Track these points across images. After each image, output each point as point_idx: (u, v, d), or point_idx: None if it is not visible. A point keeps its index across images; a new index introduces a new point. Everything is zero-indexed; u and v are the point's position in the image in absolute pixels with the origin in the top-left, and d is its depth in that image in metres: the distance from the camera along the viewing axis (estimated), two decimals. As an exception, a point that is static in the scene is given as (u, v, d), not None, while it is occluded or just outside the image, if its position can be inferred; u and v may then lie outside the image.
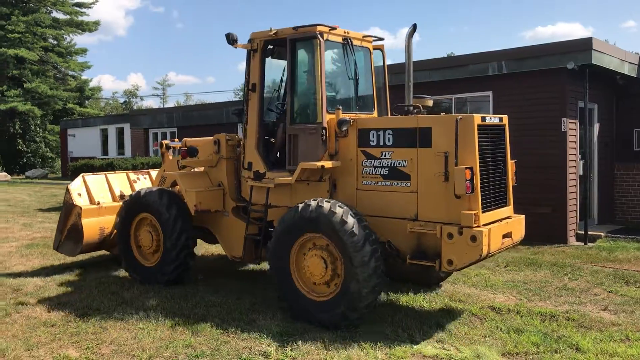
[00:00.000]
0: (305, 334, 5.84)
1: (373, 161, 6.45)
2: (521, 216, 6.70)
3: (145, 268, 7.98)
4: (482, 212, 5.87)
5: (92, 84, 49.18)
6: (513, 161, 6.66)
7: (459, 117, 5.89)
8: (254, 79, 7.25)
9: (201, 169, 8.11)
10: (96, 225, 8.73)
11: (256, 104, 7.24)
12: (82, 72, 47.13)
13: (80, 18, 45.19)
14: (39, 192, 24.59)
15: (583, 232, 11.03)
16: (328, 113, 6.65)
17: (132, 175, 9.72)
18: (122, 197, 8.89)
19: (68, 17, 44.63)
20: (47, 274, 8.71)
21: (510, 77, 11.45)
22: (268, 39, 7.16)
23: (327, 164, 6.49)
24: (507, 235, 6.25)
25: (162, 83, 73.00)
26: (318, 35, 6.60)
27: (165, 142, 9.37)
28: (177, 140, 9.81)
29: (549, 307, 6.88)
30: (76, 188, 8.91)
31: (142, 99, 73.81)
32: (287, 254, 6.32)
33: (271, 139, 7.52)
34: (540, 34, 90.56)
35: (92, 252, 9.39)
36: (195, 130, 19.10)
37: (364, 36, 7.54)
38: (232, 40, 7.21)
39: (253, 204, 7.33)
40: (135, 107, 62.81)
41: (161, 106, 64.32)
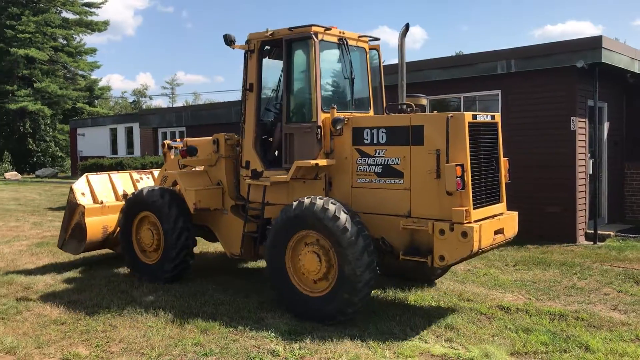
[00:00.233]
0: (314, 333, 5.86)
1: (367, 159, 6.54)
2: (514, 213, 6.74)
3: (146, 265, 8.09)
4: (474, 208, 5.95)
5: (101, 84, 49.57)
6: (506, 159, 6.73)
7: (450, 115, 5.97)
8: (251, 79, 7.35)
9: (201, 168, 8.20)
10: (99, 224, 8.85)
11: (253, 104, 7.35)
12: (91, 71, 47.54)
13: (89, 18, 45.58)
14: (49, 191, 24.76)
15: (592, 231, 10.97)
16: (323, 112, 6.74)
17: (135, 175, 9.84)
18: (125, 196, 8.97)
19: (77, 17, 44.97)
20: (57, 273, 8.79)
21: (519, 75, 11.39)
22: (265, 39, 7.25)
23: (322, 162, 6.62)
24: (499, 231, 6.31)
25: (171, 82, 73.36)
26: (313, 36, 6.69)
27: (167, 142, 9.51)
28: (179, 140, 9.93)
29: (558, 306, 6.85)
30: (80, 188, 9.04)
31: (151, 99, 74.30)
32: (283, 251, 6.43)
33: (269, 138, 7.63)
34: (549, 32, 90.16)
35: (96, 250, 9.49)
36: (204, 129, 19.10)
37: (360, 36, 7.63)
38: (229, 41, 7.34)
39: (251, 202, 7.42)
40: (144, 107, 63.05)
41: (170, 105, 64.61)
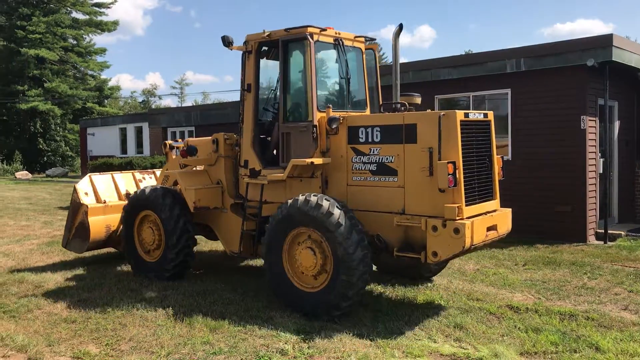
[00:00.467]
0: (322, 332, 5.86)
1: (362, 157, 6.64)
2: (507, 210, 6.80)
3: (147, 263, 8.19)
4: (466, 205, 6.01)
5: (111, 84, 49.89)
6: (499, 157, 6.79)
7: (442, 113, 6.05)
8: (249, 79, 7.45)
9: (201, 168, 8.29)
10: (102, 223, 8.96)
11: (251, 104, 7.45)
12: (101, 71, 47.85)
13: (99, 18, 45.88)
14: (59, 191, 24.93)
15: (603, 230, 10.88)
16: (319, 111, 6.81)
17: (138, 175, 9.96)
18: (128, 195, 9.05)
19: (87, 17, 45.28)
20: (68, 271, 8.85)
21: (529, 74, 11.34)
22: (262, 40, 7.35)
23: (317, 161, 6.73)
24: (491, 228, 6.37)
25: (180, 82, 73.35)
26: (308, 37, 6.77)
27: (168, 142, 9.64)
28: (181, 140, 10.03)
29: (568, 306, 6.82)
30: (83, 187, 9.15)
31: (160, 98, 74.35)
32: (280, 248, 6.52)
33: (267, 138, 7.70)
34: (558, 30, 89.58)
35: (99, 249, 9.57)
36: (214, 129, 19.07)
37: (356, 37, 7.72)
38: (227, 42, 7.47)
39: (249, 200, 7.49)
40: (153, 106, 63.20)
41: (179, 105, 64.81)
